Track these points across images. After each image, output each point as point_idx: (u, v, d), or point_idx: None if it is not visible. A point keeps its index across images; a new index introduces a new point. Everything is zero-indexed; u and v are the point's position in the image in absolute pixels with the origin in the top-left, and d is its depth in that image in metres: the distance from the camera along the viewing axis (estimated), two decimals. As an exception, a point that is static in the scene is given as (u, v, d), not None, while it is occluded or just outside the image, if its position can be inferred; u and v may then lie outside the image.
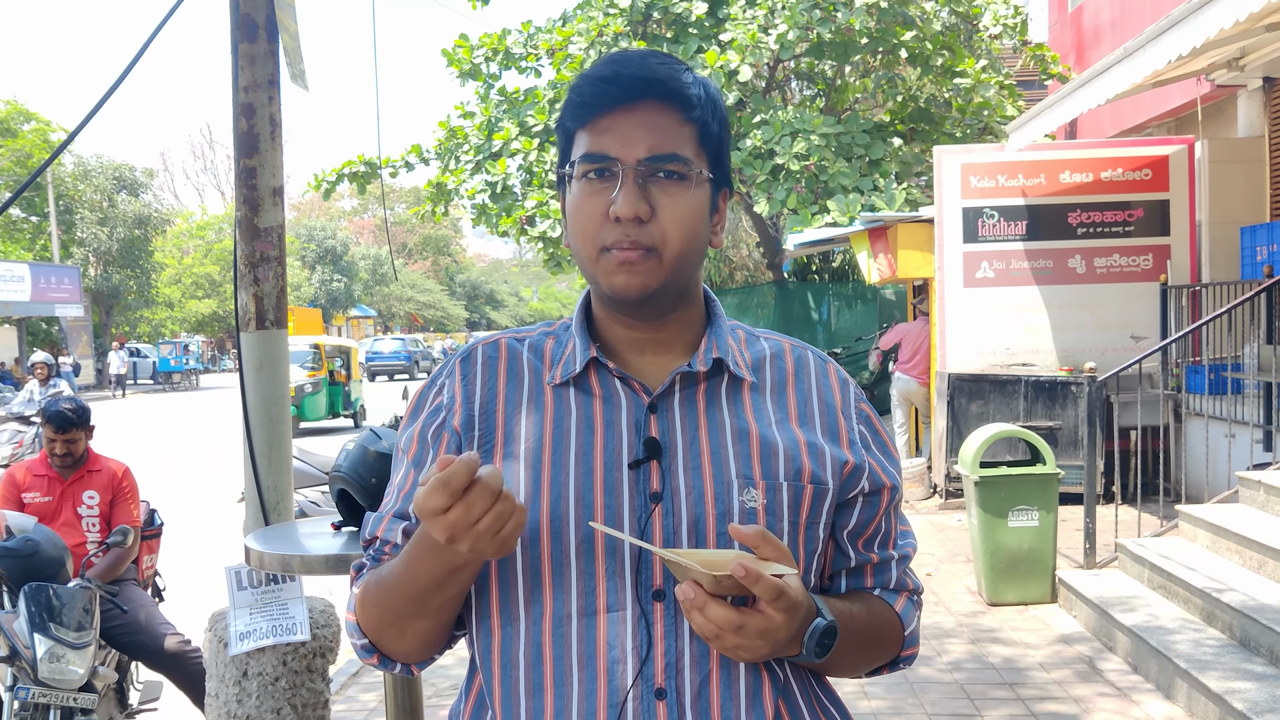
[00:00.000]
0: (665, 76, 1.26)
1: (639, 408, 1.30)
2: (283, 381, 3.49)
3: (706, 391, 1.32)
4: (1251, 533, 5.65)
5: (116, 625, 4.32)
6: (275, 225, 3.47)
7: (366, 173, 15.19)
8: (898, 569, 1.41)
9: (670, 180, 1.25)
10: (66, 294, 33.90)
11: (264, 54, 3.44)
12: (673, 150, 1.25)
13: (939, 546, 8.01)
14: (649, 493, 1.26)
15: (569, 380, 1.32)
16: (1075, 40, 13.78)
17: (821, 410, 1.36)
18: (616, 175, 1.24)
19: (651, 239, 1.24)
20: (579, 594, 1.24)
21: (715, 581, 1.09)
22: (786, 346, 1.41)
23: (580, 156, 1.27)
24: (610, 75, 1.26)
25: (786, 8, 12.48)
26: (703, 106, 1.28)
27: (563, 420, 1.30)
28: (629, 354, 1.34)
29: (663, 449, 1.27)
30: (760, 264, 18.89)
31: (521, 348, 1.37)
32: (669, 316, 1.33)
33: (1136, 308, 9.29)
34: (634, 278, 1.25)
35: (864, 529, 1.37)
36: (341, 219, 70.18)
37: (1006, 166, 9.46)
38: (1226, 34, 6.39)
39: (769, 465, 1.28)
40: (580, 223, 1.27)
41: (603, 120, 1.26)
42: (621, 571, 1.24)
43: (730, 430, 1.30)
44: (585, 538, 1.24)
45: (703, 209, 1.29)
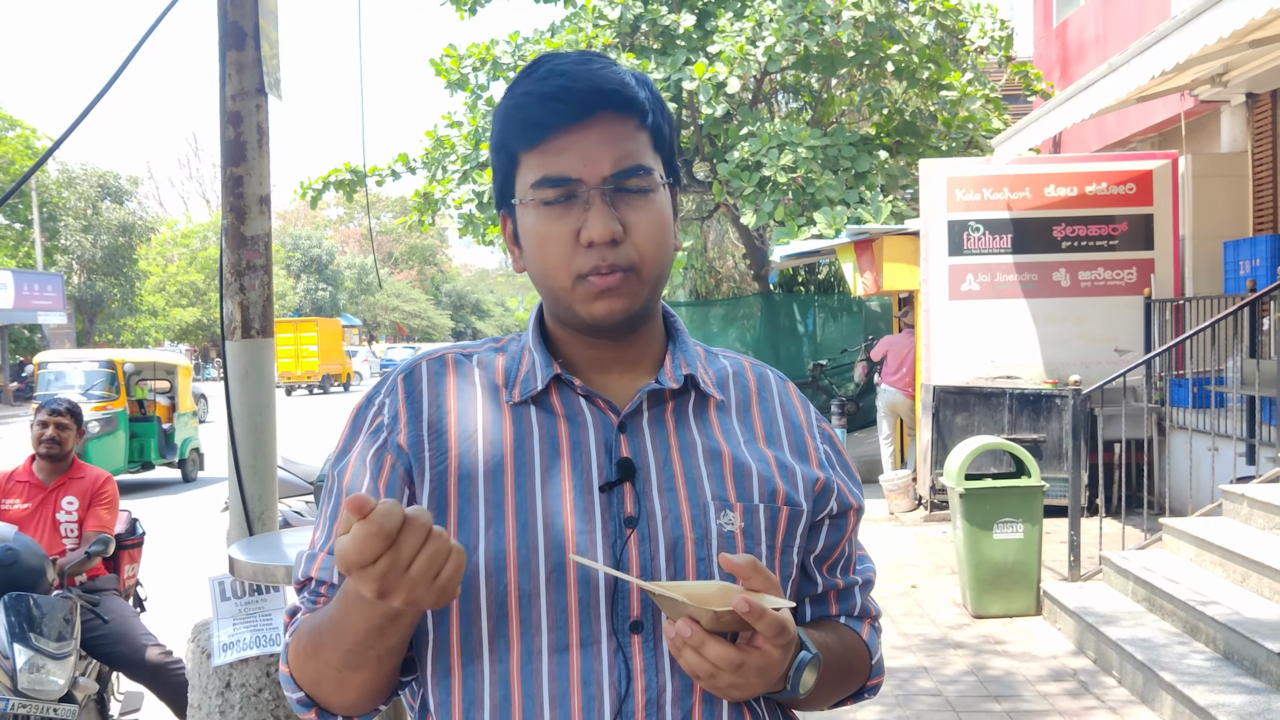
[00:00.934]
0: (617, 85, 1.18)
1: (608, 427, 1.21)
2: (268, 390, 3.47)
3: (675, 410, 1.25)
4: (1235, 546, 5.67)
5: (97, 635, 4.29)
6: (262, 233, 3.46)
7: (352, 181, 15.15)
8: (861, 595, 1.36)
9: (638, 195, 1.18)
10: (50, 301, 33.75)
11: (252, 62, 3.43)
12: (637, 162, 1.18)
13: (924, 559, 8.01)
14: (623, 517, 1.17)
15: (529, 399, 1.22)
16: (1060, 54, 13.87)
17: (788, 429, 1.30)
18: (580, 197, 1.16)
19: (629, 259, 1.17)
20: (549, 628, 1.14)
21: (715, 618, 1.03)
22: (746, 365, 1.35)
23: (537, 182, 1.17)
24: (560, 91, 1.16)
25: (774, 21, 12.52)
26: (654, 110, 1.21)
27: (524, 441, 1.20)
28: (592, 372, 1.26)
29: (636, 470, 1.19)
30: (746, 275, 18.92)
31: (470, 363, 1.28)
32: (636, 333, 1.25)
33: (1121, 321, 9.34)
34: (617, 302, 1.18)
35: (830, 553, 1.32)
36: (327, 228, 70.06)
37: (992, 180, 9.50)
38: (1210, 50, 6.44)
39: (743, 486, 1.22)
40: (546, 252, 1.18)
41: (557, 140, 1.17)
42: (596, 603, 1.15)
43: (702, 450, 1.23)
44: (556, 566, 1.15)
45: (670, 216, 1.23)
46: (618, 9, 13.41)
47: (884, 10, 12.59)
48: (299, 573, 1.24)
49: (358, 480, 1.21)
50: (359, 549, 0.95)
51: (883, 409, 10.97)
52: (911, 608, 6.70)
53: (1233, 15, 5.48)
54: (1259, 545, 5.64)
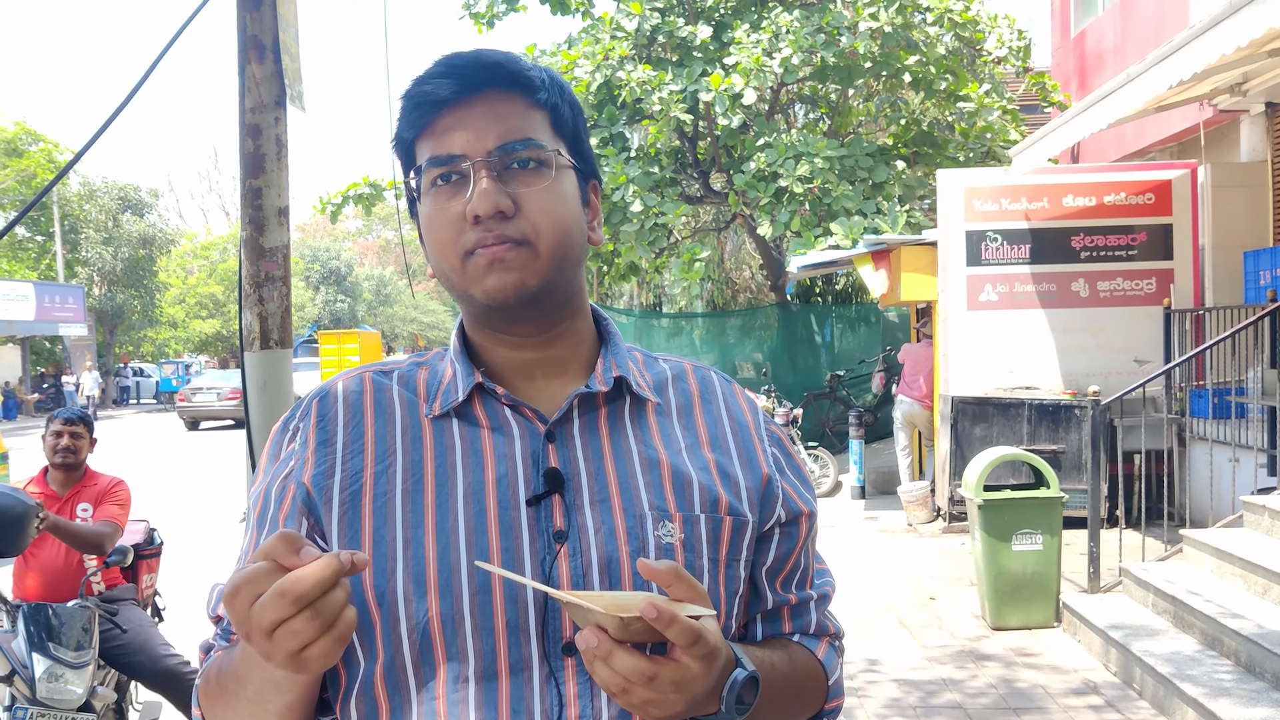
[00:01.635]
0: (503, 60, 1.14)
1: (534, 437, 1.15)
2: (286, 401, 3.49)
3: (609, 416, 1.18)
4: (1257, 557, 5.63)
5: (116, 645, 4.30)
6: (280, 245, 3.48)
7: (371, 195, 15.24)
8: (817, 611, 1.28)
9: (528, 169, 1.13)
10: (71, 313, 34.00)
11: (271, 75, 3.45)
12: (526, 135, 1.13)
13: (942, 570, 7.98)
14: (552, 532, 1.10)
15: (450, 411, 1.16)
16: (1078, 64, 13.84)
17: (734, 430, 1.23)
18: (467, 174, 1.11)
19: (521, 232, 1.11)
20: (476, 654, 1.07)
21: (622, 625, 0.94)
22: (688, 368, 1.29)
23: (425, 163, 1.14)
24: (442, 70, 1.13)
25: (791, 32, 12.54)
26: (549, 89, 1.17)
27: (445, 455, 1.14)
28: (517, 380, 1.20)
29: (565, 481, 1.12)
30: (763, 286, 18.92)
31: (389, 381, 1.21)
32: (555, 330, 1.19)
33: (1140, 331, 9.29)
34: (508, 274, 1.11)
35: (782, 565, 1.24)
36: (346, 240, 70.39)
37: (1009, 190, 9.48)
38: (1229, 59, 6.41)
39: (683, 496, 1.15)
40: (437, 235, 1.13)
41: (443, 120, 1.13)
42: (525, 624, 1.07)
43: (639, 458, 1.16)
44: (481, 587, 1.07)
45: (572, 198, 1.16)
46: (635, 20, 13.45)
47: (901, 21, 12.59)
48: (210, 608, 1.17)
49: (266, 510, 1.16)
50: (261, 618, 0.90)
51: (900, 420, 10.93)
52: (930, 619, 6.67)
53: (1252, 24, 5.46)
54: (1281, 557, 5.59)
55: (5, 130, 36.21)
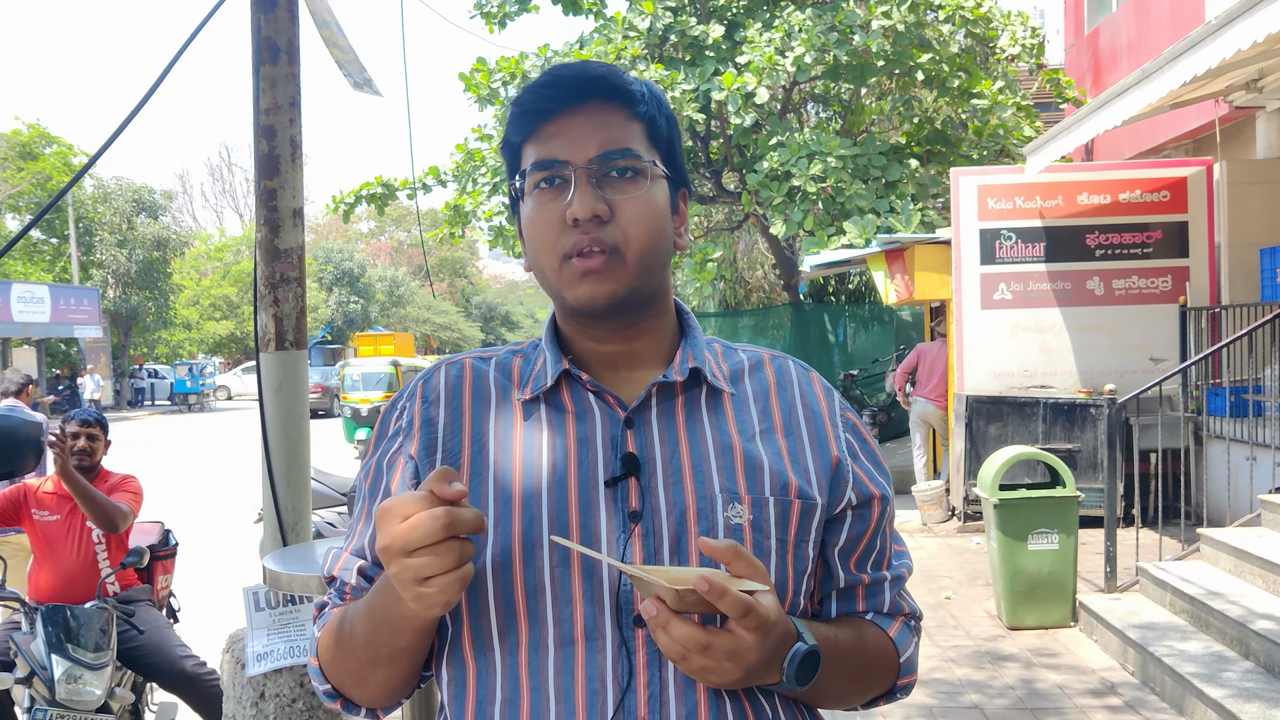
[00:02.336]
0: (606, 73, 1.23)
1: (614, 422, 1.23)
2: (302, 402, 3.50)
3: (685, 404, 1.25)
4: (1275, 556, 5.59)
5: (133, 646, 4.32)
6: (295, 246, 3.48)
7: (384, 194, 15.26)
8: (891, 591, 1.33)
9: (625, 178, 1.21)
10: (86, 315, 34.13)
11: (285, 76, 3.46)
12: (625, 145, 1.21)
13: (958, 570, 7.95)
14: (628, 511, 1.18)
15: (539, 396, 1.25)
16: (1092, 62, 13.78)
17: (808, 418, 1.29)
18: (569, 179, 1.20)
19: (613, 239, 1.19)
20: (555, 622, 1.16)
21: (678, 597, 1.02)
22: (766, 357, 1.35)
23: (530, 166, 1.22)
24: (549, 80, 1.22)
25: (803, 30, 12.51)
26: (647, 102, 1.25)
27: (533, 438, 1.23)
28: (602, 369, 1.28)
29: (641, 465, 1.20)
30: (776, 285, 18.89)
31: (487, 367, 1.30)
32: (639, 326, 1.27)
33: (1156, 329, 9.25)
34: (600, 285, 1.19)
35: (855, 546, 1.30)
36: (359, 241, 70.54)
37: (1024, 188, 9.44)
38: (1245, 55, 6.37)
39: (754, 479, 1.21)
40: (537, 234, 1.22)
41: (548, 127, 1.22)
42: (600, 597, 1.16)
43: (712, 443, 1.23)
44: (561, 561, 1.16)
45: (663, 206, 1.24)
46: (647, 20, 13.44)
47: (914, 19, 12.54)
48: (325, 570, 1.28)
49: (378, 483, 1.27)
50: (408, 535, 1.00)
51: (915, 419, 10.90)
52: (945, 619, 6.64)
53: (1268, 20, 5.43)
54: (1300, 556, 5.56)
55: (20, 133, 36.39)
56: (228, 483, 15.31)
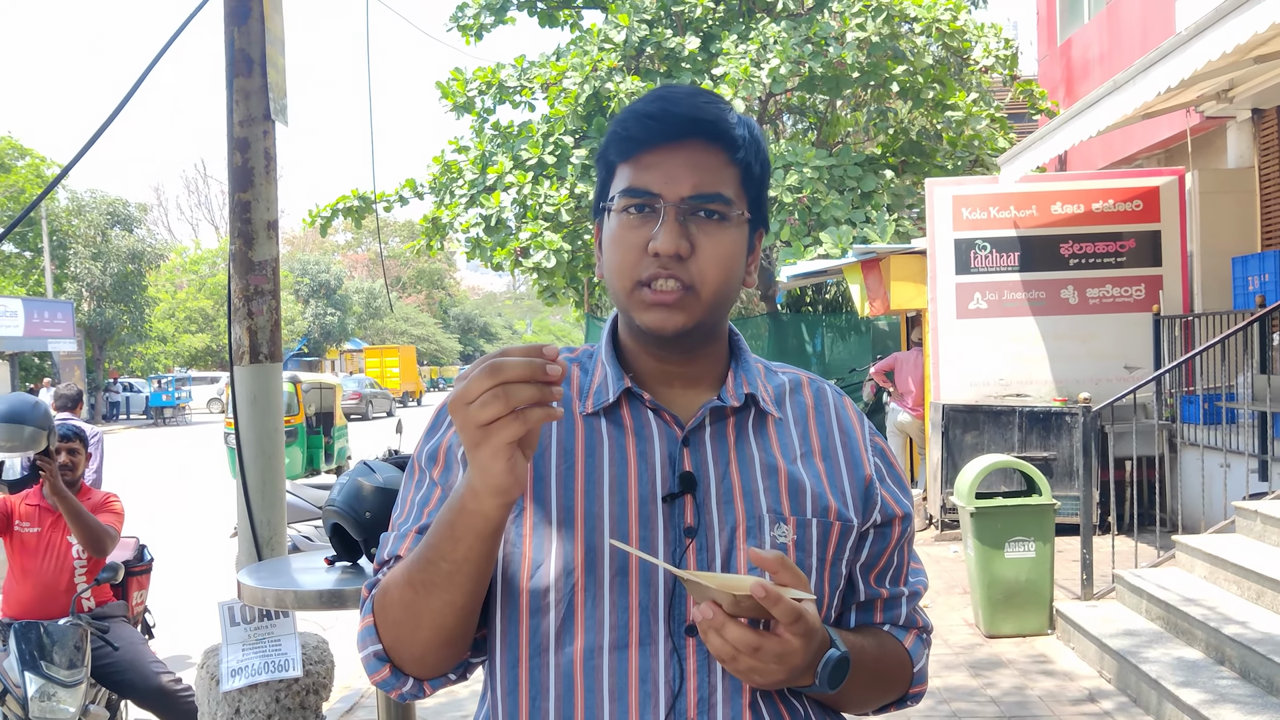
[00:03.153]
0: (714, 117, 1.26)
1: (672, 441, 1.29)
2: (276, 415, 3.48)
3: (736, 425, 1.32)
4: (1249, 563, 5.63)
5: (107, 663, 4.27)
6: (269, 259, 3.47)
7: (361, 207, 15.23)
8: (908, 605, 1.41)
9: (711, 220, 1.25)
10: (59, 329, 33.86)
11: (259, 89, 3.44)
12: (716, 190, 1.25)
13: (936, 578, 7.97)
14: (683, 527, 1.25)
15: (600, 410, 1.30)
16: (1065, 72, 13.90)
17: (843, 441, 1.36)
18: (658, 211, 1.24)
19: (690, 276, 1.24)
20: (611, 626, 1.22)
21: (735, 602, 1.09)
22: (804, 380, 1.42)
23: (622, 190, 1.26)
24: (658, 112, 1.25)
25: (778, 43, 12.57)
26: (747, 148, 1.28)
27: (595, 450, 1.28)
28: (658, 386, 1.33)
29: (697, 483, 1.26)
30: (754, 296, 18.92)
31: None
32: (698, 351, 1.32)
33: (1130, 338, 9.31)
34: (670, 317, 1.25)
35: (875, 562, 1.37)
36: (335, 253, 70.29)
37: (998, 198, 9.50)
38: (1215, 66, 6.44)
39: (797, 501, 1.29)
40: (618, 256, 1.27)
41: (647, 156, 1.26)
42: (655, 605, 1.23)
43: (760, 465, 1.30)
44: (620, 569, 1.23)
45: (741, 249, 1.29)
46: (623, 32, 13.48)
47: (888, 31, 12.63)
48: (384, 551, 1.31)
49: (451, 474, 1.29)
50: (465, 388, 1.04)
51: (892, 428, 10.94)
52: (924, 628, 6.65)
53: (1237, 31, 5.49)
54: (1273, 562, 5.60)
55: (-8, 145, 36.11)
56: (203, 496, 15.20)
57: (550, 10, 15.69)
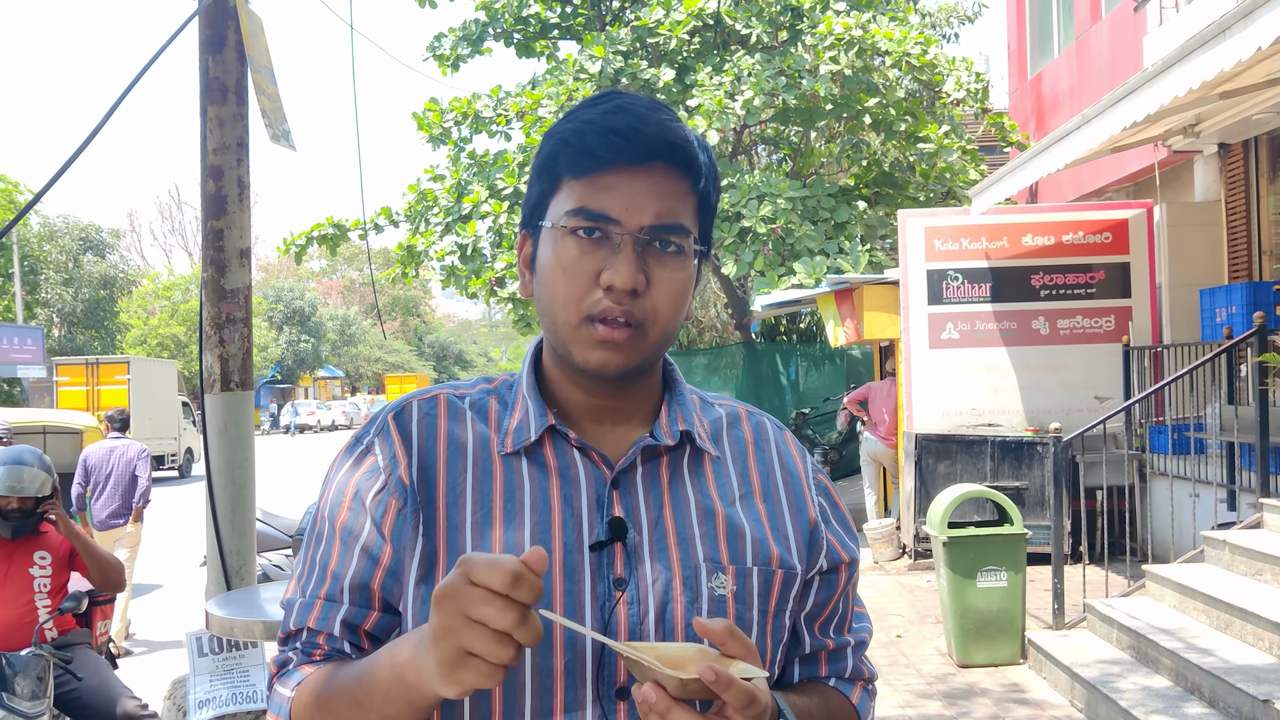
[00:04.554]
0: (681, 140, 1.15)
1: (600, 483, 1.17)
2: (248, 443, 3.46)
3: (670, 465, 1.21)
4: (1218, 592, 5.67)
5: (70, 691, 4.22)
6: (242, 287, 3.46)
7: (335, 235, 15.20)
8: (854, 657, 1.32)
9: (668, 253, 1.15)
10: (30, 355, 33.51)
11: (233, 117, 3.45)
12: (678, 221, 1.15)
13: (908, 608, 7.98)
14: (613, 578, 1.14)
15: (521, 449, 1.18)
16: (1035, 106, 14.07)
17: (785, 479, 1.27)
18: (613, 239, 1.13)
19: (643, 313, 1.13)
20: (534, 692, 1.10)
21: (681, 685, 0.97)
22: (742, 413, 1.31)
23: (573, 210, 1.14)
24: (624, 129, 1.13)
25: (753, 75, 12.68)
26: (708, 177, 1.19)
27: (514, 494, 1.16)
28: (585, 421, 1.22)
29: (627, 529, 1.15)
30: (728, 325, 18.99)
31: (463, 405, 1.22)
32: (632, 385, 1.21)
33: (1100, 368, 9.40)
34: (615, 355, 1.14)
35: (821, 610, 1.27)
36: (310, 280, 70.07)
37: (969, 230, 9.59)
38: (1182, 101, 6.54)
39: (736, 548, 1.18)
40: (564, 285, 1.14)
41: (607, 176, 1.13)
42: (582, 668, 1.11)
43: (696, 509, 1.19)
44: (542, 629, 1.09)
45: (692, 284, 1.19)
46: (598, 63, 13.56)
47: (861, 64, 12.76)
48: (291, 622, 1.18)
49: (358, 521, 1.16)
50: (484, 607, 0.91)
51: (865, 457, 10.97)
52: (897, 657, 6.66)
53: (1203, 68, 5.58)
54: (1241, 591, 5.64)
55: (-37, 171, 35.84)
56: (173, 525, 15.05)
57: (526, 41, 15.78)
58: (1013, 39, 14.81)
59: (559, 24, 15.74)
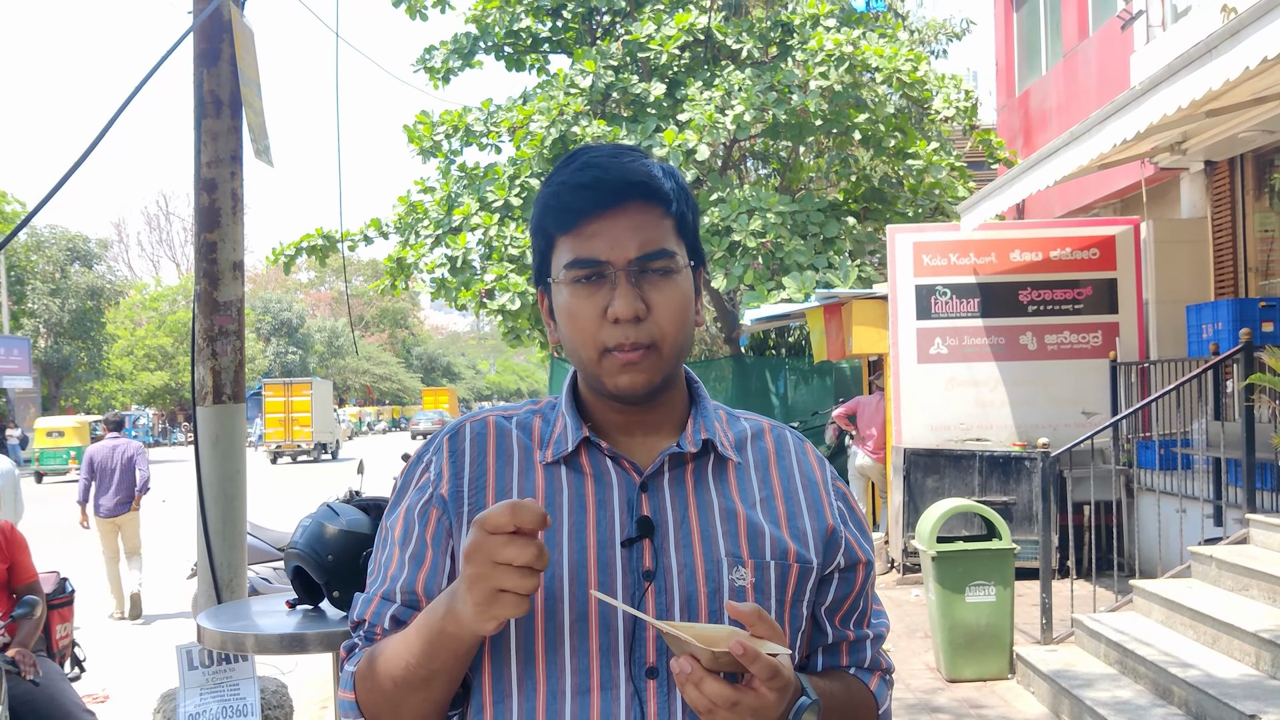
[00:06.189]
0: (644, 176, 1.29)
1: (630, 487, 1.31)
2: (239, 456, 3.45)
3: (694, 471, 1.34)
4: (1205, 608, 5.70)
5: (24, 699, 4.11)
6: (234, 299, 3.46)
7: (325, 246, 15.19)
8: (872, 648, 1.44)
9: (660, 276, 1.29)
10: (16, 365, 33.40)
11: (227, 130, 3.45)
12: (661, 246, 1.29)
13: (897, 622, 7.99)
14: (642, 570, 1.27)
15: (560, 459, 1.33)
16: (1023, 123, 14.16)
17: (804, 485, 1.39)
18: (608, 277, 1.27)
19: (651, 335, 1.28)
20: (573, 671, 1.25)
21: (713, 658, 1.10)
22: (766, 426, 1.44)
23: (570, 262, 1.29)
24: (591, 181, 1.28)
25: (743, 90, 12.73)
26: (679, 199, 1.32)
27: (554, 498, 1.31)
28: (618, 434, 1.36)
29: (655, 527, 1.29)
30: (718, 338, 19.01)
31: (510, 425, 1.38)
32: (659, 399, 1.35)
33: (1087, 384, 9.43)
34: (639, 376, 1.28)
35: (841, 604, 1.40)
36: (298, 291, 69.93)
37: (958, 245, 9.63)
38: (1169, 120, 6.59)
39: (756, 545, 1.31)
40: (577, 326, 1.29)
41: (588, 225, 1.28)
42: (615, 649, 1.25)
43: (718, 510, 1.32)
44: (579, 615, 1.25)
45: (691, 296, 1.33)
46: (589, 78, 13.60)
47: (850, 80, 12.83)
48: (355, 613, 1.35)
49: (409, 531, 1.33)
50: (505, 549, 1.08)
51: (853, 472, 10.99)
52: (885, 672, 6.65)
53: (1189, 87, 5.63)
54: (1228, 607, 5.67)
55: (-49, 181, 35.69)
56: (162, 535, 14.96)
57: (517, 55, 15.82)
58: (1001, 56, 14.90)
59: (550, 38, 15.79)
